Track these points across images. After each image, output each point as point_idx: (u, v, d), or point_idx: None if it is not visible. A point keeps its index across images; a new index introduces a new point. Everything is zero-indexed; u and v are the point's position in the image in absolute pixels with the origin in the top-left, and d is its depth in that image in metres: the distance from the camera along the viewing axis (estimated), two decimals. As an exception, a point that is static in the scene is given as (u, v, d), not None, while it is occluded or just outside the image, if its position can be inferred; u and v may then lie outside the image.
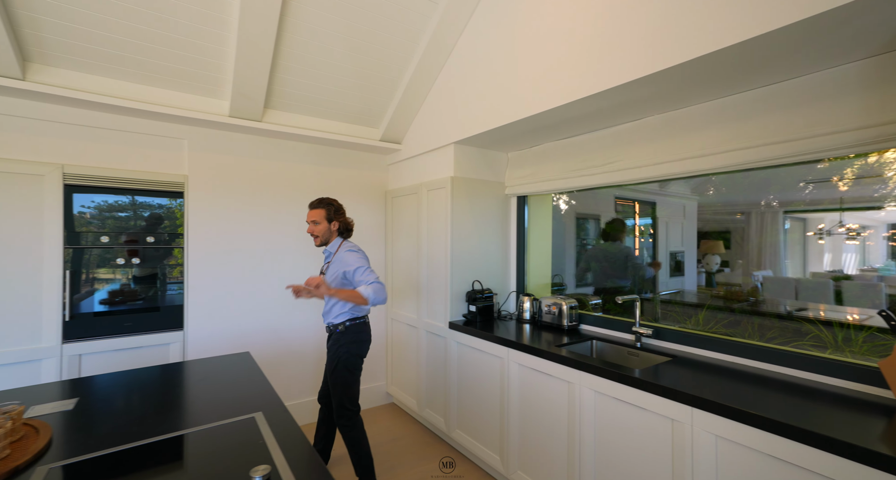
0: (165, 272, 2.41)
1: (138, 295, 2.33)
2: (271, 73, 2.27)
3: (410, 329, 2.92)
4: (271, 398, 1.37)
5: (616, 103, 1.78)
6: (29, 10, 1.72)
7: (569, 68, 1.75)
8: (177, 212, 2.45)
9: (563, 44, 1.78)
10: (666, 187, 2.38)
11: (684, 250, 2.40)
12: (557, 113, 1.90)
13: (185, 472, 0.95)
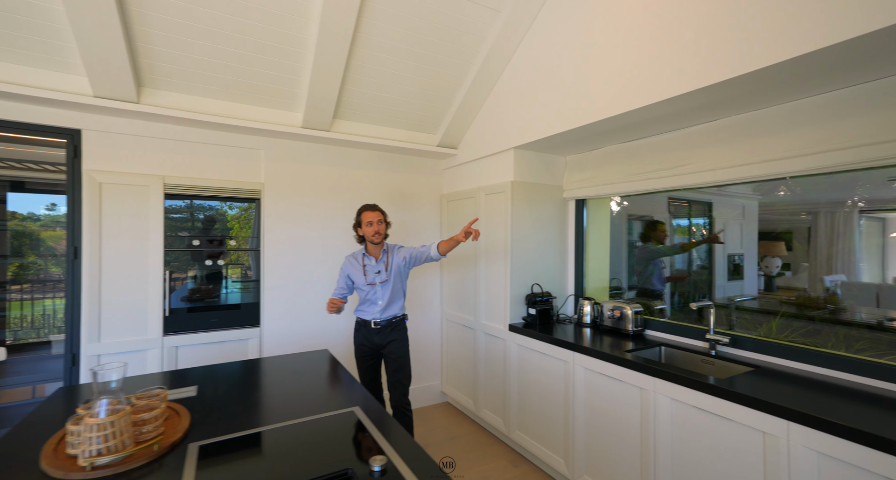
0: (245, 271, 2.62)
1: (220, 293, 2.55)
2: (341, 85, 2.41)
3: (466, 330, 2.99)
4: (363, 392, 1.47)
5: (691, 106, 1.75)
6: (146, 43, 1.94)
7: (643, 71, 1.74)
8: (251, 217, 2.65)
9: (636, 47, 1.77)
10: (725, 187, 2.30)
11: (743, 252, 2.31)
12: (629, 116, 1.89)
13: (310, 457, 1.06)
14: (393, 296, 2.25)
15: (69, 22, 1.74)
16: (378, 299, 2.23)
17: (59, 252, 3.26)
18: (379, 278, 2.22)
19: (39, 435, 1.15)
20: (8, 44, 1.82)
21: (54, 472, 0.95)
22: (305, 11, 2.00)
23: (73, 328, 2.18)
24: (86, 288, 2.17)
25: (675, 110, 1.80)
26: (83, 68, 1.95)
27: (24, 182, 2.74)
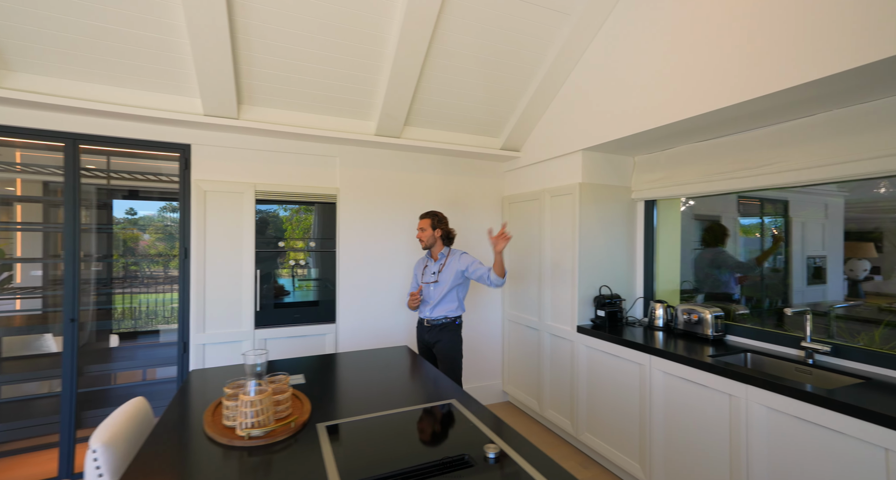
0: (322, 271, 2.81)
1: (303, 291, 2.76)
2: (413, 94, 2.53)
3: (530, 331, 3.02)
4: (454, 386, 1.56)
5: (784, 102, 1.68)
6: (248, 65, 2.16)
7: (734, 68, 1.70)
8: (329, 220, 2.85)
9: (727, 43, 1.73)
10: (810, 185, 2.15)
11: (826, 255, 2.15)
12: (714, 115, 1.85)
13: (425, 443, 1.15)
14: (444, 299, 2.33)
15: (192, 53, 1.98)
16: (430, 298, 2.36)
17: (158, 252, 3.67)
18: (432, 279, 2.36)
19: (193, 408, 1.33)
20: (141, 74, 2.11)
21: (219, 438, 1.11)
22: (385, 28, 2.14)
23: (184, 319, 2.46)
24: (194, 285, 2.44)
25: (764, 108, 1.74)
26: (198, 91, 2.21)
27: (139, 190, 3.12)
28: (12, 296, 2.65)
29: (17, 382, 2.59)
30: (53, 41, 1.88)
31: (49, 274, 2.95)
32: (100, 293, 3.06)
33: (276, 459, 1.05)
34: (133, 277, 3.70)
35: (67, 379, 2.23)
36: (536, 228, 2.95)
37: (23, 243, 2.98)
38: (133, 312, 3.67)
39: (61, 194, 2.88)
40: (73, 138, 2.22)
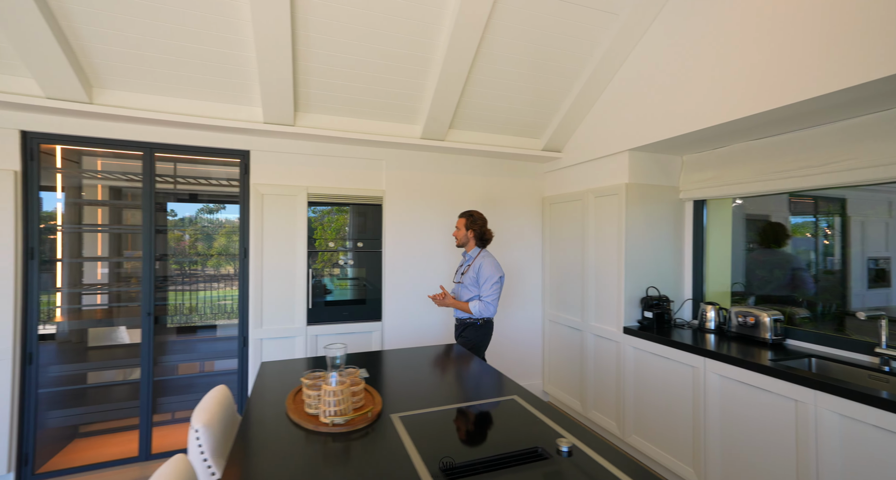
0: (369, 271, 2.92)
1: (352, 290, 2.88)
2: (459, 98, 2.59)
3: (573, 331, 3.01)
4: (513, 383, 1.60)
5: (852, 99, 1.62)
6: (306, 75, 2.28)
7: (796, 65, 1.66)
8: (369, 221, 2.95)
9: (791, 39, 1.69)
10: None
11: (890, 256, 2.04)
12: (775, 113, 1.81)
13: (496, 435, 1.20)
14: (462, 296, 2.34)
15: (257, 66, 2.12)
16: (457, 297, 2.39)
17: (219, 251, 3.91)
18: (458, 278, 2.41)
19: (272, 396, 1.44)
20: (211, 87, 2.27)
21: (305, 424, 1.21)
22: (435, 35, 2.21)
23: (244, 315, 2.62)
24: (252, 283, 2.60)
25: (830, 105, 1.68)
26: (259, 100, 2.36)
27: (198, 194, 3.34)
28: (93, 292, 2.90)
29: (102, 369, 2.84)
30: (139, 61, 2.06)
31: (112, 271, 3.19)
32: (157, 289, 3.30)
33: (359, 445, 1.13)
34: (188, 275, 3.95)
35: (145, 367, 2.42)
36: (579, 229, 2.94)
37: (86, 244, 3.25)
38: (188, 308, 3.92)
39: (130, 198, 3.12)
40: (150, 147, 2.42)
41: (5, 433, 2.11)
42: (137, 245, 3.31)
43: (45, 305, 2.37)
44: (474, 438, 1.17)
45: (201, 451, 1.21)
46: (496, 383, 1.61)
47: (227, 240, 3.95)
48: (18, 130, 2.16)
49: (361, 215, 2.90)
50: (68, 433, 2.57)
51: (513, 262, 3.32)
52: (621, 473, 0.97)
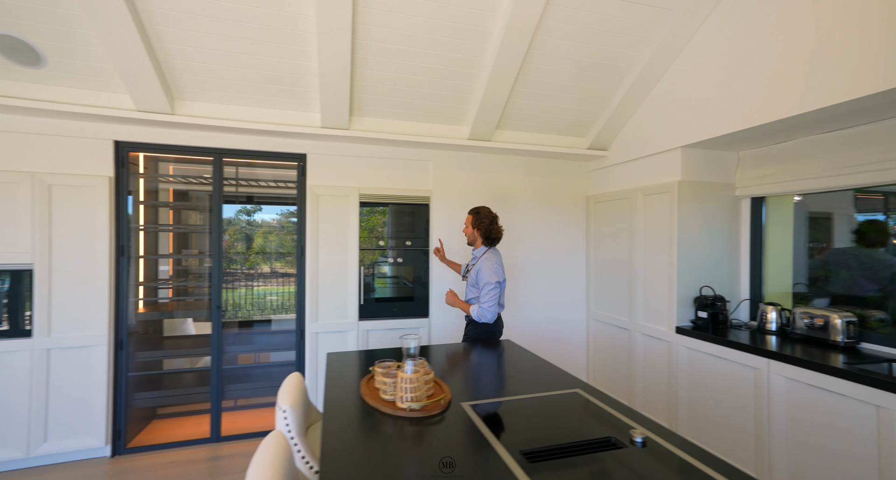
0: (416, 269, 3.02)
1: (400, 287, 2.98)
2: (506, 99, 2.63)
3: (619, 330, 2.98)
4: (572, 377, 1.64)
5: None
6: (362, 81, 2.40)
7: (871, 55, 1.59)
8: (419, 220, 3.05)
9: (863, 28, 1.62)
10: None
11: None
12: (848, 106, 1.73)
13: (565, 425, 1.25)
14: (468, 296, 2.35)
15: (318, 74, 2.25)
16: (465, 294, 2.41)
17: (264, 250, 4.15)
18: (464, 275, 2.44)
19: (344, 383, 1.55)
20: (275, 95, 2.43)
21: (383, 408, 1.30)
22: (486, 38, 2.26)
23: (301, 310, 2.78)
24: (309, 279, 2.75)
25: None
26: (318, 106, 2.50)
27: (253, 196, 3.57)
28: (167, 286, 3.16)
29: (178, 357, 3.10)
30: (213, 74, 2.25)
31: (173, 268, 3.45)
32: (209, 285, 3.54)
33: (438, 429, 1.20)
34: (235, 273, 4.21)
35: (215, 356, 2.63)
36: (626, 228, 2.91)
37: (146, 242, 3.52)
38: (245, 303, 4.18)
39: (194, 200, 3.36)
40: (219, 153, 2.62)
41: (102, 410, 2.36)
42: (192, 244, 3.58)
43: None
44: (546, 426, 1.22)
45: (288, 429, 1.32)
46: (556, 377, 1.65)
47: (278, 240, 4.18)
48: (112, 140, 2.41)
49: (409, 214, 3.00)
50: (148, 414, 2.83)
51: (555, 261, 3.32)
52: (701, 464, 0.99)
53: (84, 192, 2.36)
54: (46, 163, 2.31)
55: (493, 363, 1.88)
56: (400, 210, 2.98)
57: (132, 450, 2.47)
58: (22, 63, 2.00)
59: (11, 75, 2.08)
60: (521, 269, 3.22)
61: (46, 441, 2.27)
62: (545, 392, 1.49)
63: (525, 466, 0.98)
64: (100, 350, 2.37)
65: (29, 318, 2.27)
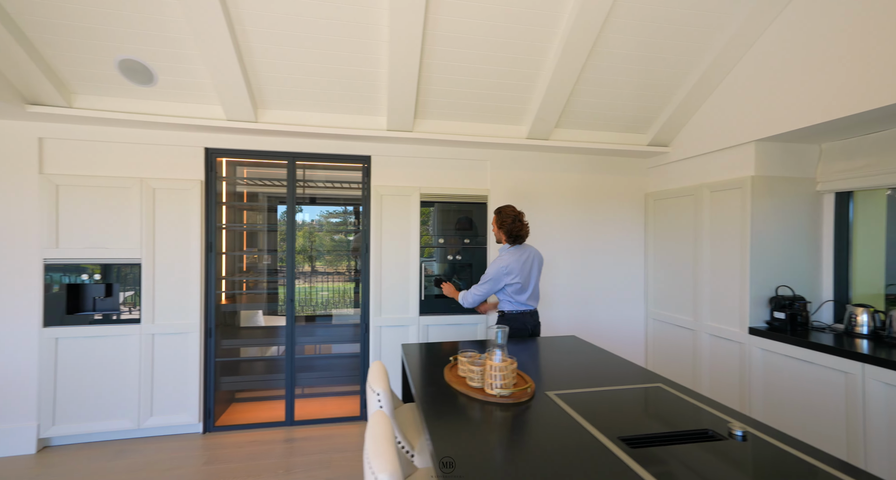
0: (474, 266, 3.09)
1: (458, 283, 3.06)
2: (567, 97, 2.64)
3: (682, 331, 2.90)
4: (650, 373, 1.64)
5: None
6: (427, 84, 2.51)
7: None
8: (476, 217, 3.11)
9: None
10: None
11: None
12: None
13: (656, 417, 1.26)
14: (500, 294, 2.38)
15: (387, 80, 2.38)
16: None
17: (348, 248, 4.38)
18: None
19: (425, 371, 1.64)
20: (345, 101, 2.59)
21: (472, 394, 1.37)
22: (549, 38, 2.29)
23: (365, 304, 2.93)
24: (373, 275, 2.89)
25: None
26: (385, 110, 2.64)
27: (316, 197, 3.79)
28: (242, 280, 3.43)
29: (256, 346, 3.36)
30: (292, 82, 2.43)
31: (235, 265, 3.72)
32: (270, 281, 3.80)
33: (529, 414, 1.26)
34: (299, 270, 4.46)
35: (289, 346, 2.83)
36: (690, 225, 2.82)
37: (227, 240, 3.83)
38: (298, 297, 4.44)
39: (259, 200, 3.59)
40: (292, 156, 2.83)
41: (196, 391, 2.62)
42: (255, 242, 3.83)
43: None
44: (638, 416, 1.24)
45: (380, 408, 1.43)
46: (633, 371, 1.65)
47: (329, 239, 4.40)
48: (203, 147, 2.67)
49: (467, 213, 3.08)
50: (228, 397, 3.09)
51: (611, 259, 3.28)
52: (810, 458, 0.98)
53: (180, 195, 2.63)
54: (151, 169, 2.60)
55: (564, 356, 1.90)
56: (458, 208, 3.06)
57: (219, 429, 2.72)
58: (137, 82, 2.27)
59: (128, 93, 2.36)
60: (575, 267, 3.20)
61: (152, 416, 2.55)
62: (626, 385, 1.50)
63: (628, 451, 1.01)
64: (193, 336, 2.63)
65: (125, 307, 2.57)
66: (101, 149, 2.53)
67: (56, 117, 2.35)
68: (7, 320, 2.40)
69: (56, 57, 2.12)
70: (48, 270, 2.45)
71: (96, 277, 2.51)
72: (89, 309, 2.58)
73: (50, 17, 1.95)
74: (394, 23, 2.06)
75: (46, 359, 2.42)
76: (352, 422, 2.88)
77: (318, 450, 2.48)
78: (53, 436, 2.46)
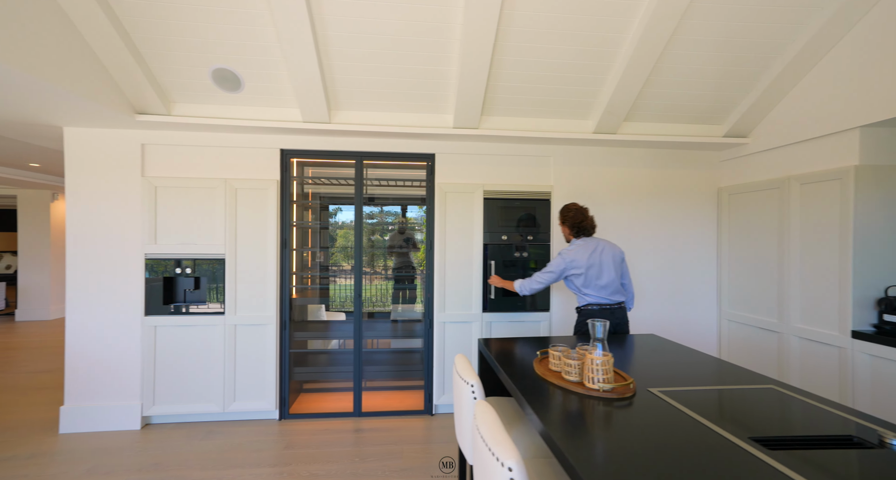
0: (538, 262, 3.05)
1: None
2: (641, 88, 2.55)
3: (765, 333, 2.71)
4: (750, 371, 1.54)
5: None
6: (495, 81, 2.51)
7: None
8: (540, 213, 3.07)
9: None
10: None
11: None
12: None
13: (788, 421, 1.18)
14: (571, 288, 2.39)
15: (457, 78, 2.40)
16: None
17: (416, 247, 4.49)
18: None
19: (514, 364, 1.64)
20: (412, 100, 2.64)
21: (571, 388, 1.35)
22: (624, 30, 2.22)
23: (429, 301, 2.98)
24: (437, 272, 2.93)
25: None
26: (452, 108, 2.67)
27: (374, 197, 3.90)
28: (308, 276, 3.60)
29: (326, 339, 3.50)
30: (365, 84, 2.52)
31: (307, 261, 3.88)
32: (322, 277, 3.92)
33: (638, 411, 1.22)
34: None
35: (357, 339, 2.93)
36: (774, 221, 2.64)
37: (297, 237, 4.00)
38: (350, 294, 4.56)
39: (317, 199, 3.70)
40: (360, 156, 2.92)
41: (273, 380, 2.77)
42: (313, 240, 3.98)
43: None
44: (761, 417, 1.17)
45: (475, 399, 1.44)
46: (735, 371, 1.57)
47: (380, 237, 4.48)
48: (279, 149, 2.82)
49: (530, 209, 3.04)
50: (297, 387, 3.24)
51: (678, 257, 3.13)
52: None
53: (259, 194, 2.79)
54: (233, 170, 2.78)
55: (651, 355, 1.83)
56: (522, 205, 3.03)
57: (293, 416, 2.85)
58: (226, 89, 2.44)
59: (217, 100, 2.54)
60: (641, 265, 3.08)
61: (235, 401, 2.73)
62: (733, 385, 1.42)
63: (767, 452, 0.96)
64: (270, 328, 2.78)
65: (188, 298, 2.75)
66: (192, 153, 2.74)
67: (157, 125, 2.56)
68: (115, 309, 2.65)
69: (160, 69, 2.32)
70: (147, 264, 2.68)
71: (187, 271, 2.72)
72: (181, 300, 2.80)
73: (157, 33, 2.13)
74: (468, 20, 2.08)
75: (147, 345, 2.65)
76: (416, 416, 2.93)
77: (388, 441, 2.54)
78: (153, 415, 2.69)
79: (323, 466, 2.24)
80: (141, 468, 2.21)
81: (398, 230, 4.03)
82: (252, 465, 2.25)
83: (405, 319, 3.59)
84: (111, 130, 2.63)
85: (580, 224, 2.30)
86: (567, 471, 0.94)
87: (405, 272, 3.97)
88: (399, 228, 4.00)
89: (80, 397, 2.62)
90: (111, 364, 2.64)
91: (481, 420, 1.11)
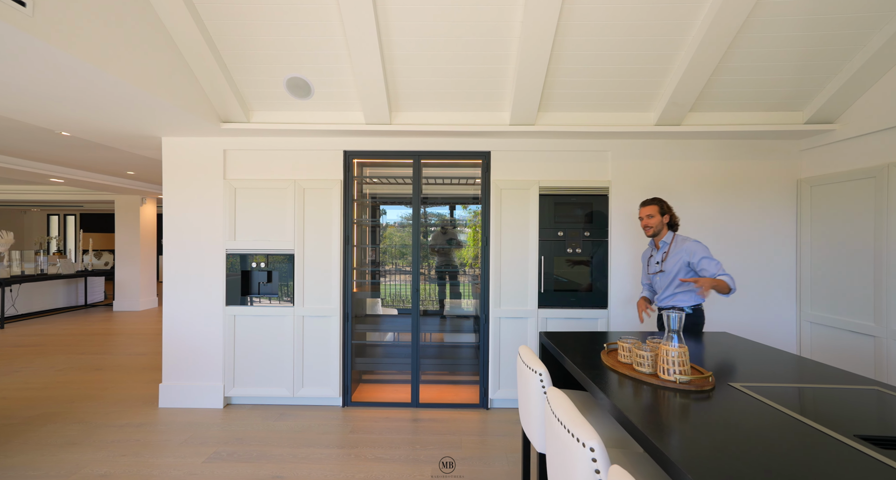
0: (595, 260, 2.98)
1: (578, 278, 2.99)
2: (710, 76, 2.42)
3: (857, 336, 2.46)
4: (842, 371, 1.42)
5: None
6: (552, 76, 2.50)
7: None
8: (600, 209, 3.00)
9: None
10: None
11: None
12: None
13: (857, 425, 1.09)
14: (672, 289, 2.21)
15: (515, 76, 2.43)
16: (658, 289, 2.29)
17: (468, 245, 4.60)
18: (656, 269, 2.27)
19: (581, 356, 1.63)
20: (469, 99, 2.70)
21: (646, 379, 1.33)
22: (693, 15, 2.12)
23: (484, 296, 3.01)
24: (492, 268, 2.96)
25: None
26: (509, 106, 2.69)
27: (427, 197, 4.01)
28: (369, 271, 3.77)
29: (385, 331, 3.66)
30: (424, 85, 2.61)
31: (364, 257, 4.03)
32: (373, 273, 4.05)
33: (720, 404, 1.18)
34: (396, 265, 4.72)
35: (415, 333, 3.03)
36: (869, 213, 2.39)
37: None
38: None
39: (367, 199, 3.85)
40: (418, 155, 3.03)
41: (337, 369, 2.94)
42: (365, 238, 4.13)
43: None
44: (867, 416, 1.09)
45: (543, 390, 1.46)
46: (829, 371, 1.45)
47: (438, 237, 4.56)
48: (342, 150, 3.00)
49: (587, 205, 2.99)
50: (356, 377, 3.40)
51: (752, 253, 2.92)
52: None
53: (324, 193, 2.98)
54: (301, 171, 3.00)
55: (728, 351, 1.74)
56: (578, 200, 2.99)
57: (354, 404, 3.01)
58: (298, 96, 2.65)
59: (289, 106, 2.76)
60: (737, 261, 2.90)
61: (303, 387, 2.93)
62: (828, 384, 1.32)
63: (880, 451, 0.89)
64: (334, 320, 2.96)
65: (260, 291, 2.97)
66: (266, 157, 2.99)
67: (238, 131, 2.83)
68: (202, 299, 2.95)
69: (242, 80, 2.57)
70: (228, 259, 2.96)
71: (261, 265, 2.97)
72: (255, 292, 3.05)
73: (240, 46, 2.36)
74: (527, 18, 2.10)
75: (228, 332, 2.92)
76: (472, 409, 2.97)
77: (446, 431, 2.61)
78: (233, 396, 2.96)
79: (386, 451, 2.35)
80: (228, 441, 2.44)
81: (440, 230, 4.11)
82: (322, 446, 2.41)
83: (456, 315, 3.65)
84: (200, 138, 2.94)
85: (677, 221, 2.31)
86: (654, 457, 0.93)
87: (449, 269, 4.04)
88: (441, 228, 4.08)
89: (174, 377, 2.95)
90: (199, 348, 2.94)
91: (556, 404, 1.13)
